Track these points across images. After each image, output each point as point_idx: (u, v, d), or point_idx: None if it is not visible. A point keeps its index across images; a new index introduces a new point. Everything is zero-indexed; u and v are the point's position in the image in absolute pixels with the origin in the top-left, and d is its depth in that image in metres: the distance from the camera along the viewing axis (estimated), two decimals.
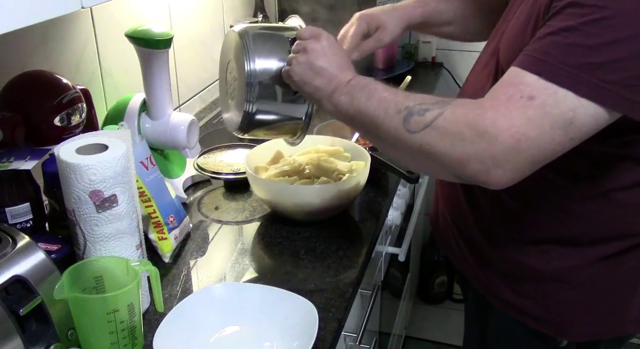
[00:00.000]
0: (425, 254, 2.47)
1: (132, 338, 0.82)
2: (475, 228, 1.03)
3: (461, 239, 1.07)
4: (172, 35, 1.17)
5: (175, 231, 1.09)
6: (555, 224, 0.94)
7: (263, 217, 1.24)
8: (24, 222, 0.99)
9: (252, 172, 1.19)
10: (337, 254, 1.10)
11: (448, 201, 1.11)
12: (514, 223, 0.97)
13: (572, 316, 0.98)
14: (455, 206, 1.07)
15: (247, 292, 0.96)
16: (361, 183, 1.19)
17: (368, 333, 1.31)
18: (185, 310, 0.91)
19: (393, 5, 1.17)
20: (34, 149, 0.98)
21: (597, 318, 0.98)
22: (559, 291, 0.97)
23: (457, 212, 1.07)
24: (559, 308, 0.98)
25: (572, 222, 0.93)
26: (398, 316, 1.97)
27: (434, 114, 0.78)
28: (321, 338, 0.88)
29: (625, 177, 0.89)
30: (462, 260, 1.09)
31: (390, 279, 1.74)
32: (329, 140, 1.33)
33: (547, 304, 0.98)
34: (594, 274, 0.95)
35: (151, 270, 0.84)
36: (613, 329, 1.00)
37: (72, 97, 1.06)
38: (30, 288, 0.76)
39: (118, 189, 0.84)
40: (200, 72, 1.78)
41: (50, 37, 1.18)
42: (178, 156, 1.35)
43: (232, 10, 1.94)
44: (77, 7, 0.78)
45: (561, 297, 0.97)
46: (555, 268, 0.96)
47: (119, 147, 0.85)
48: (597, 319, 0.98)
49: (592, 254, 0.94)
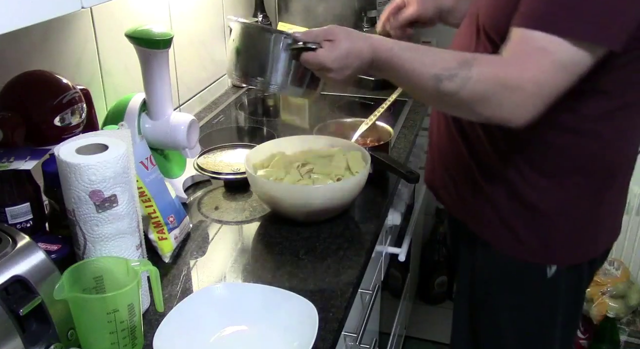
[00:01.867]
0: (425, 254, 2.47)
1: (132, 338, 0.82)
2: (471, 164, 1.13)
3: (458, 182, 1.18)
4: (172, 35, 1.17)
5: (175, 231, 1.09)
6: (537, 156, 1.04)
7: (263, 217, 1.24)
8: (24, 222, 0.99)
9: (252, 172, 1.19)
10: (337, 254, 1.10)
11: (445, 153, 1.21)
12: (502, 156, 1.07)
13: (558, 243, 1.10)
14: (452, 153, 1.18)
15: (247, 292, 0.96)
16: (361, 183, 1.19)
17: (368, 333, 1.31)
18: (185, 310, 0.91)
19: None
20: (34, 149, 0.98)
21: (580, 243, 1.11)
22: (545, 220, 1.08)
23: (452, 159, 1.18)
24: (546, 236, 1.09)
25: (552, 154, 1.03)
26: (398, 316, 1.97)
27: (462, 78, 0.90)
28: (321, 338, 0.88)
29: (595, 109, 0.98)
30: (457, 203, 1.20)
31: (390, 279, 1.74)
32: (329, 140, 1.33)
33: (535, 234, 1.09)
34: (575, 204, 1.06)
35: (151, 270, 0.84)
36: (590, 251, 1.13)
37: (72, 97, 1.07)
38: (30, 288, 0.76)
39: (118, 189, 0.84)
40: (200, 72, 1.78)
41: (50, 37, 1.18)
42: (178, 156, 1.35)
43: (232, 10, 1.94)
44: (77, 7, 0.78)
45: (547, 226, 1.08)
46: (540, 199, 1.06)
47: (119, 147, 0.85)
48: (578, 244, 1.11)
49: (571, 186, 1.05)
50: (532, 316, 1.18)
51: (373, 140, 1.45)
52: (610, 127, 1.01)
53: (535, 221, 1.09)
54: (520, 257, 1.12)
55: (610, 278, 2.24)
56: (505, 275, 1.17)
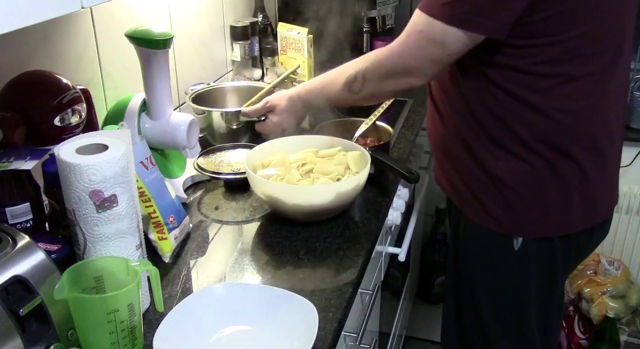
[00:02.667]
0: (425, 254, 2.47)
1: (132, 338, 0.82)
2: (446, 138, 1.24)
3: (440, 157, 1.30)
4: (172, 35, 1.17)
5: (175, 231, 1.09)
6: (492, 128, 1.13)
7: (263, 217, 1.24)
8: (24, 222, 0.99)
9: (252, 172, 1.19)
10: (337, 254, 1.10)
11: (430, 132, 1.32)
12: (466, 128, 1.17)
13: (527, 215, 1.16)
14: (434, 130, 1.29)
15: (247, 292, 0.96)
16: (361, 183, 1.19)
17: (368, 333, 1.31)
18: (185, 310, 0.91)
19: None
20: (34, 149, 0.98)
21: (547, 216, 1.16)
22: (508, 191, 1.15)
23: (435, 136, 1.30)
24: (511, 207, 1.16)
25: (502, 125, 1.12)
26: (398, 316, 1.97)
27: (361, 75, 1.19)
28: (321, 338, 0.88)
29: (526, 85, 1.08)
30: (443, 180, 1.31)
31: (390, 279, 1.74)
32: (329, 140, 1.33)
33: (505, 206, 1.16)
34: (540, 177, 1.13)
35: (151, 270, 0.84)
36: (562, 225, 1.17)
37: (72, 97, 1.07)
38: (30, 288, 0.76)
39: (118, 189, 0.84)
40: (200, 72, 1.78)
41: (50, 37, 1.18)
42: (178, 156, 1.35)
43: (232, 10, 1.94)
44: (77, 7, 0.78)
45: (511, 196, 1.15)
46: (501, 169, 1.14)
47: (119, 147, 0.85)
48: (547, 217, 1.16)
49: (527, 156, 1.11)
50: (505, 293, 1.25)
51: (373, 140, 1.45)
52: (548, 102, 1.08)
53: (500, 191, 1.15)
54: (490, 228, 1.19)
55: (610, 278, 2.24)
56: (480, 248, 1.24)
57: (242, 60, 1.90)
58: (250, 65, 1.93)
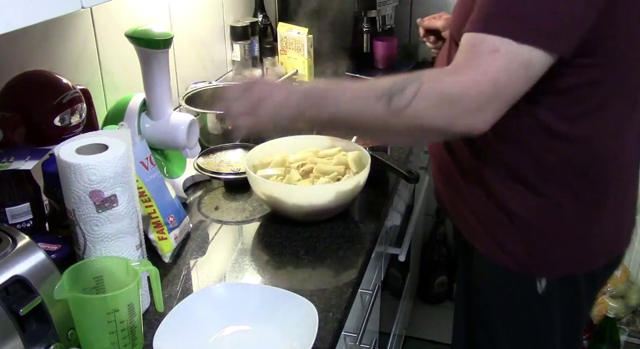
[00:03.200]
0: (425, 254, 2.46)
1: (132, 338, 0.82)
2: (455, 171, 1.12)
3: (449, 190, 1.17)
4: (172, 35, 1.17)
5: (175, 231, 1.09)
6: (512, 161, 1.02)
7: (263, 217, 1.24)
8: (24, 222, 0.99)
9: (252, 172, 1.19)
10: (337, 254, 1.10)
11: (436, 161, 1.21)
12: (480, 162, 1.06)
13: (544, 252, 1.06)
14: (440, 160, 1.17)
15: (247, 292, 0.96)
16: (361, 183, 1.19)
17: (368, 333, 1.31)
18: (185, 310, 0.91)
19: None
20: (34, 149, 0.98)
21: (570, 254, 1.06)
22: (528, 228, 1.05)
23: (441, 166, 1.18)
24: (531, 246, 1.06)
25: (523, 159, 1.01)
26: (398, 316, 1.97)
27: (413, 89, 0.86)
28: (321, 338, 0.88)
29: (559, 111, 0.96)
30: (451, 211, 1.19)
31: (390, 279, 1.74)
32: (329, 140, 1.33)
33: (520, 243, 1.06)
34: (557, 212, 1.03)
35: (151, 270, 0.84)
36: (586, 263, 1.08)
37: (72, 97, 1.07)
38: (30, 288, 0.76)
39: (118, 189, 0.84)
40: (200, 72, 1.78)
41: (50, 37, 1.18)
42: (178, 156, 1.35)
43: (232, 10, 1.94)
44: (77, 7, 0.78)
45: (531, 234, 1.05)
46: (520, 206, 1.04)
47: (119, 147, 0.85)
48: (569, 255, 1.07)
49: (550, 192, 1.02)
50: (528, 335, 1.15)
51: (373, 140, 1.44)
52: (579, 130, 0.98)
53: (519, 229, 1.05)
54: (509, 267, 1.09)
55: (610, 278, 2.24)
56: (498, 287, 1.15)
57: (242, 60, 1.90)
58: (250, 66, 1.93)
